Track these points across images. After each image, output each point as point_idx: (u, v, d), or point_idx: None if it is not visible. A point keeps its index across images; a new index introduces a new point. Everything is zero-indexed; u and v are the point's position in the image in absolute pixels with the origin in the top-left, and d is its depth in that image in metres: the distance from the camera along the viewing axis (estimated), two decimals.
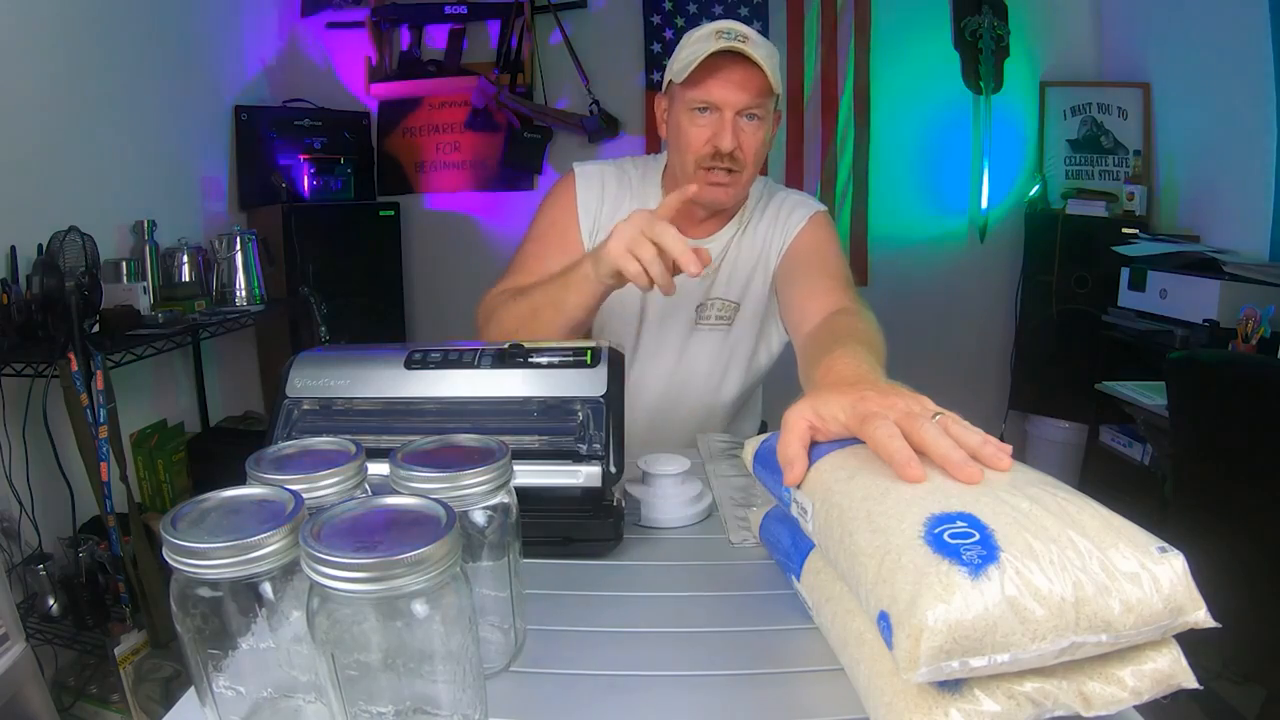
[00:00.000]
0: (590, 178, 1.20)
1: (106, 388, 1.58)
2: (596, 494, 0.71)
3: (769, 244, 1.18)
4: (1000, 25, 2.77)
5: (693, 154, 1.08)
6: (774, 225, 1.18)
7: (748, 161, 1.08)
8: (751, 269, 1.19)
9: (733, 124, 1.05)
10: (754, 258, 1.19)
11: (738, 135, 1.05)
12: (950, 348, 2.91)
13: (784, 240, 1.17)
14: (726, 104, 1.05)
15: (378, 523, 0.42)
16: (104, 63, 2.06)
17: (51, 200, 1.84)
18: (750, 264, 1.19)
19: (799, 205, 1.20)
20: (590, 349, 0.75)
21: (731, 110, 1.05)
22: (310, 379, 0.75)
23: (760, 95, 1.05)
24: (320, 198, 2.65)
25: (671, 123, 1.12)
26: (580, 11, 2.85)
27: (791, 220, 1.18)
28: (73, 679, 1.78)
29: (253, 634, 0.43)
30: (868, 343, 0.77)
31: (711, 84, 1.04)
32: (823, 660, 0.54)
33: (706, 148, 1.06)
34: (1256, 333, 1.77)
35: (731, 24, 1.05)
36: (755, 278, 1.19)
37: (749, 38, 1.03)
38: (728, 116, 1.05)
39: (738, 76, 1.03)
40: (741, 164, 1.08)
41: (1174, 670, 0.42)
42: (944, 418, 0.51)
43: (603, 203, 1.19)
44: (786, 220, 1.18)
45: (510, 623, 0.55)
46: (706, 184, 1.09)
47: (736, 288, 1.19)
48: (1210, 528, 1.44)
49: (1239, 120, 2.21)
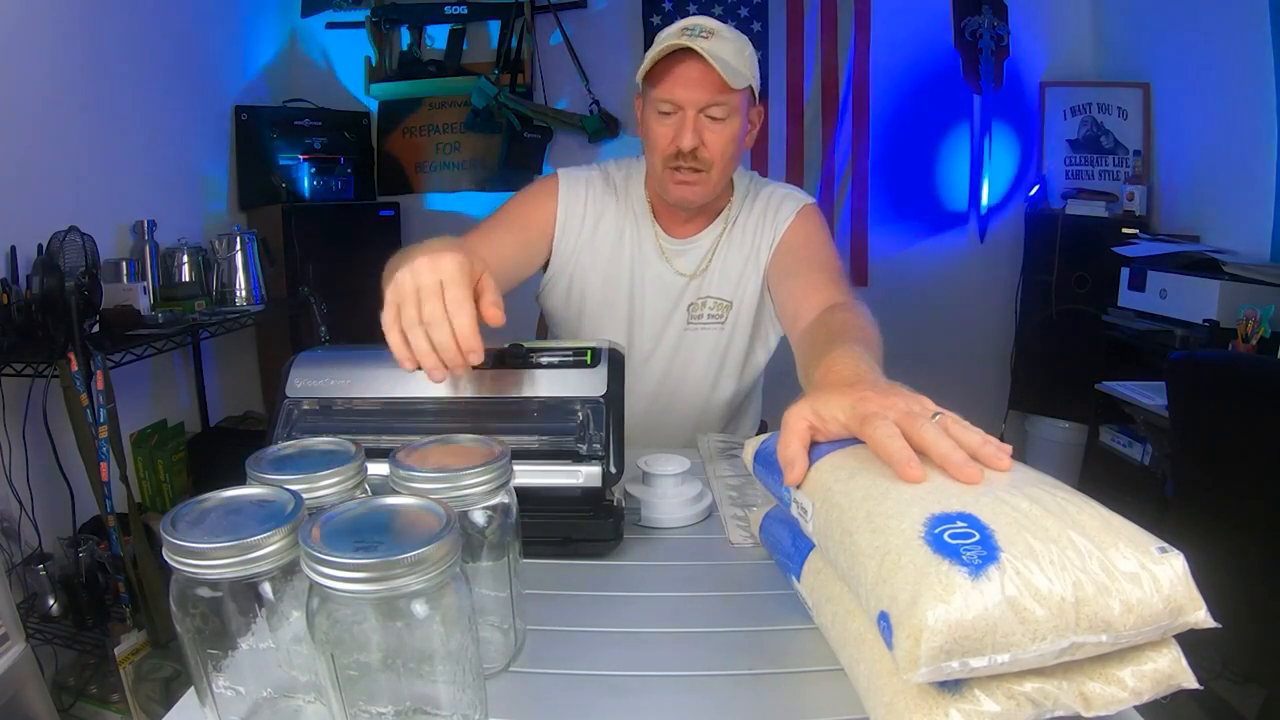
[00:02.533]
0: (575, 181, 1.19)
1: (106, 388, 1.58)
2: (596, 494, 0.71)
3: (759, 240, 1.18)
4: (1000, 25, 2.77)
5: (659, 154, 1.08)
6: (762, 221, 1.18)
7: (714, 160, 1.07)
8: (742, 266, 1.18)
9: (694, 122, 1.04)
10: (744, 255, 1.18)
11: (700, 134, 1.05)
12: (950, 348, 2.91)
13: (774, 236, 1.17)
14: (687, 102, 1.04)
15: (378, 523, 0.42)
16: (104, 62, 2.05)
17: (51, 200, 1.84)
18: (741, 261, 1.18)
19: (786, 199, 1.19)
20: (590, 349, 0.75)
21: (693, 109, 1.04)
22: (310, 379, 0.75)
23: (718, 93, 1.03)
24: (320, 198, 2.65)
25: (643, 123, 1.12)
26: (580, 11, 2.85)
27: (780, 215, 1.17)
28: (73, 679, 1.78)
29: (253, 634, 0.43)
30: (865, 340, 0.77)
31: (670, 82, 1.04)
32: (823, 660, 0.54)
33: (671, 147, 1.06)
34: (1256, 333, 1.77)
35: (699, 20, 1.04)
36: (747, 275, 1.18)
37: (712, 33, 1.02)
38: (689, 115, 1.04)
39: (694, 74, 1.02)
40: (707, 163, 1.07)
41: (1174, 670, 0.42)
42: (944, 418, 0.51)
43: (586, 206, 1.18)
44: (775, 215, 1.17)
45: (510, 623, 0.55)
46: (673, 183, 1.09)
47: (728, 286, 1.19)
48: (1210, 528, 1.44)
49: (1239, 120, 2.21)
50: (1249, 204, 2.16)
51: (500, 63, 2.83)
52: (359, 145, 2.91)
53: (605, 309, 1.20)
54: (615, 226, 1.19)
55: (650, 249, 1.19)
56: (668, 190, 1.11)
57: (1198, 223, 2.39)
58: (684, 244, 1.19)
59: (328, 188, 2.67)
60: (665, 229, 1.19)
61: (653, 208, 1.19)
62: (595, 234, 1.19)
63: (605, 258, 1.19)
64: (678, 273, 1.19)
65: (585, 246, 1.19)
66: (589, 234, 1.19)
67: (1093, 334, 2.33)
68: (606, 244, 1.19)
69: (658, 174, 1.10)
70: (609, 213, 1.19)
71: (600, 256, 1.19)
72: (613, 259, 1.19)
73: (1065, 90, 2.75)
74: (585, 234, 1.18)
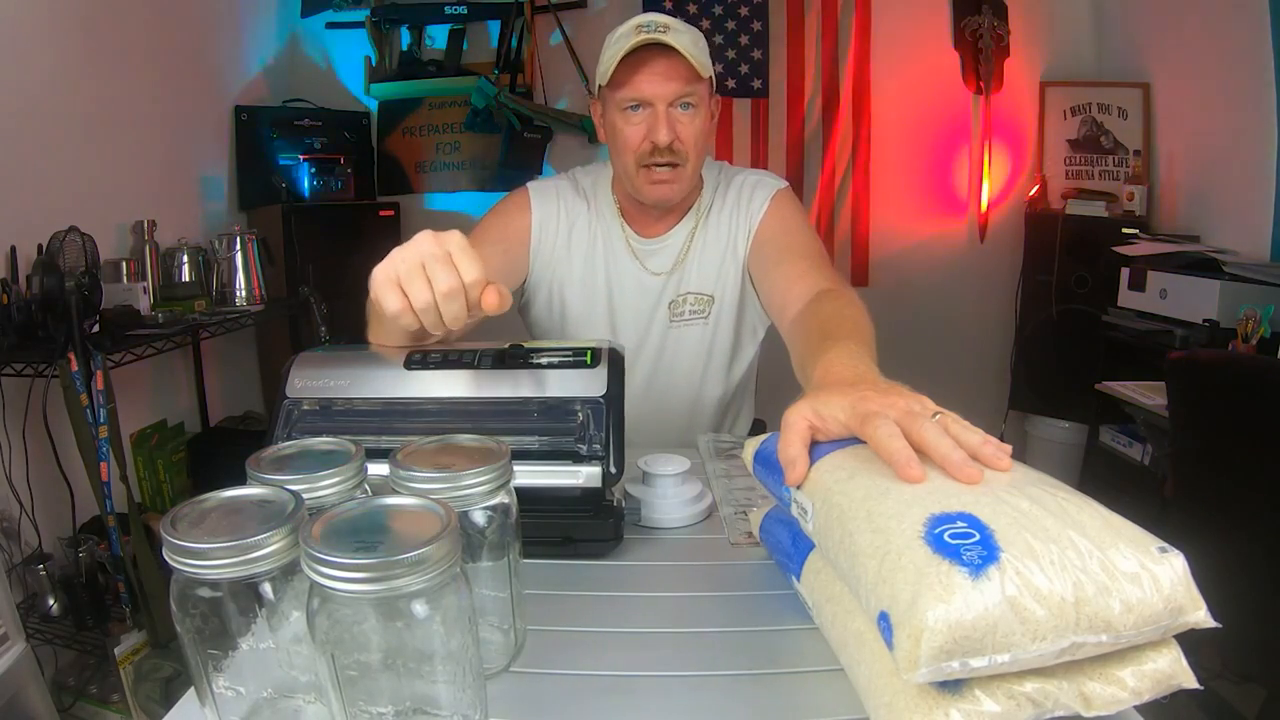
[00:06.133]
0: (545, 192, 1.19)
1: (106, 388, 1.58)
2: (596, 494, 0.71)
3: (735, 231, 1.17)
4: (1000, 25, 2.77)
5: (631, 154, 1.07)
6: (736, 211, 1.17)
7: (689, 152, 1.07)
8: (720, 259, 1.17)
9: (666, 116, 1.04)
10: (721, 247, 1.17)
11: (674, 127, 1.04)
12: (950, 348, 2.91)
13: (750, 226, 1.16)
14: (657, 97, 1.03)
15: (378, 523, 0.42)
16: (104, 63, 2.05)
17: (51, 200, 1.83)
18: (718, 254, 1.17)
19: (759, 186, 1.18)
20: (590, 349, 0.75)
21: (663, 103, 1.04)
22: (310, 379, 0.74)
23: (689, 82, 1.03)
24: (320, 198, 2.65)
25: (607, 126, 1.11)
26: (580, 11, 2.85)
27: (754, 204, 1.16)
28: (73, 679, 1.78)
29: (253, 634, 0.43)
30: (859, 335, 0.76)
31: (638, 80, 1.03)
32: (823, 660, 0.54)
33: (644, 145, 1.06)
34: (1256, 333, 1.77)
35: (652, 16, 1.04)
36: (726, 267, 1.18)
37: (670, 26, 1.02)
38: (660, 110, 1.04)
39: (662, 67, 1.02)
40: (683, 156, 1.07)
41: (1174, 670, 0.42)
42: (944, 417, 0.51)
43: (559, 215, 1.18)
44: (749, 204, 1.17)
45: (510, 623, 0.55)
46: (649, 184, 1.08)
47: (708, 280, 1.18)
48: (1210, 528, 1.44)
49: (1239, 120, 2.21)
50: (1249, 204, 2.16)
51: (500, 63, 2.83)
52: (359, 145, 2.91)
53: (586, 315, 1.20)
54: (588, 232, 1.19)
55: (622, 251, 1.19)
56: (643, 191, 1.10)
57: (1198, 223, 2.39)
58: (654, 243, 1.18)
59: (328, 188, 2.67)
60: (636, 230, 1.19)
61: (621, 210, 1.19)
62: (570, 242, 1.19)
63: (581, 264, 1.19)
64: (652, 273, 1.18)
65: (561, 256, 1.19)
66: (564, 242, 1.18)
67: (1093, 334, 2.33)
68: (581, 250, 1.19)
69: (631, 175, 1.09)
70: (580, 219, 1.19)
71: (576, 264, 1.19)
72: (588, 265, 1.19)
73: (1065, 90, 2.76)
74: (560, 242, 1.18)
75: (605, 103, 1.10)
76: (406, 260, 0.66)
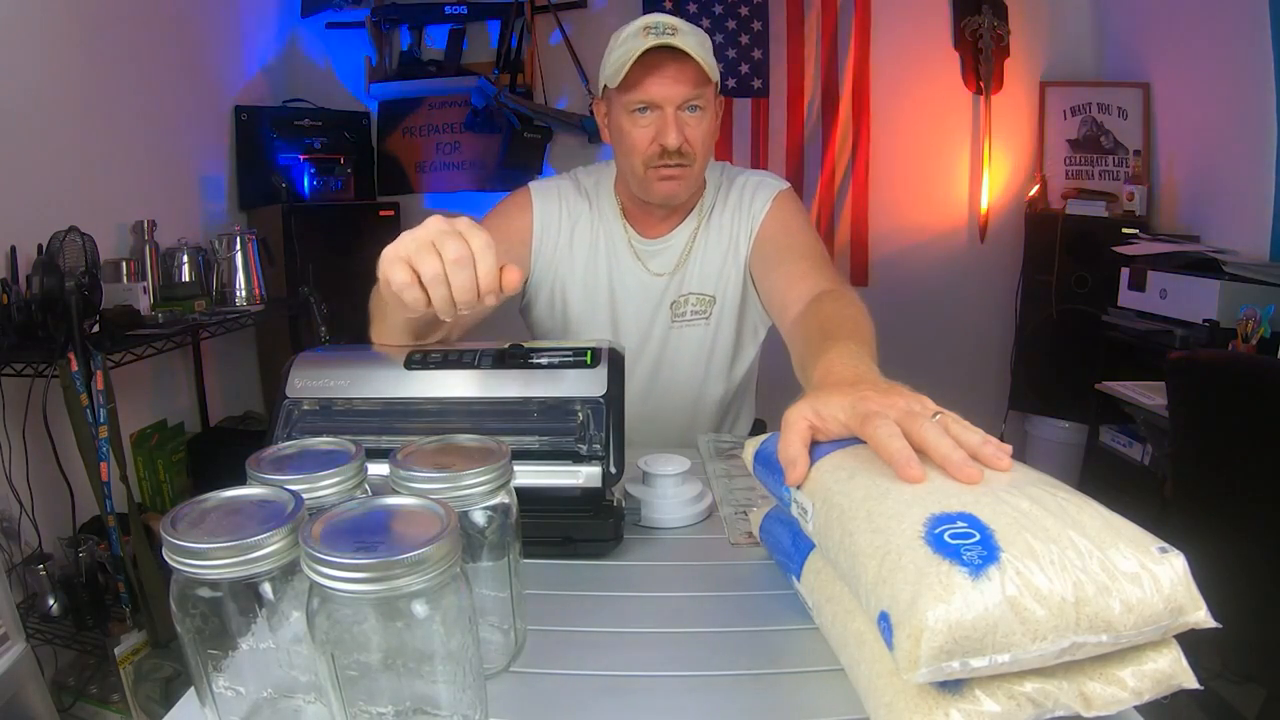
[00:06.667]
0: (547, 192, 1.19)
1: (106, 388, 1.58)
2: (596, 494, 0.71)
3: (736, 232, 1.17)
4: (1000, 25, 2.77)
5: (639, 156, 1.07)
6: (738, 212, 1.17)
7: (697, 154, 1.07)
8: (722, 259, 1.18)
9: (675, 119, 1.04)
10: (723, 248, 1.18)
11: (682, 130, 1.05)
12: (950, 348, 2.91)
13: (751, 226, 1.16)
14: (666, 100, 1.04)
15: (378, 523, 0.42)
16: (104, 62, 2.05)
17: (51, 200, 1.83)
18: (720, 254, 1.18)
19: (760, 187, 1.18)
20: (590, 349, 0.75)
21: (672, 106, 1.04)
22: (310, 379, 0.75)
23: (697, 85, 1.04)
24: (320, 198, 2.65)
25: (613, 127, 1.11)
26: (580, 11, 2.85)
27: (756, 204, 1.16)
28: (73, 679, 1.78)
29: (253, 634, 0.43)
30: (859, 335, 0.77)
31: (648, 83, 1.03)
32: (823, 660, 0.54)
33: (653, 147, 1.06)
34: (1256, 333, 1.77)
35: (660, 17, 1.04)
36: (728, 268, 1.18)
37: (678, 29, 1.02)
38: (669, 113, 1.04)
39: (672, 71, 1.02)
40: (691, 157, 1.07)
41: (1174, 670, 0.42)
42: (944, 417, 0.51)
43: (561, 215, 1.18)
44: (750, 205, 1.17)
45: (510, 623, 0.55)
46: (658, 180, 1.08)
47: (709, 280, 1.18)
48: (1210, 528, 1.44)
49: (1239, 120, 2.21)
50: (1249, 204, 2.16)
51: (500, 63, 2.83)
52: (359, 145, 2.91)
53: (588, 315, 1.20)
54: (589, 232, 1.19)
55: (624, 252, 1.19)
56: (651, 190, 1.10)
57: (1198, 223, 2.39)
58: (657, 244, 1.18)
59: (328, 188, 2.67)
60: (638, 231, 1.19)
61: (624, 210, 1.19)
62: (572, 242, 1.19)
63: (583, 264, 1.19)
64: (654, 273, 1.19)
65: (563, 255, 1.19)
66: (565, 242, 1.18)
67: (1093, 334, 2.33)
68: (583, 250, 1.19)
69: (638, 175, 1.09)
70: (582, 219, 1.19)
71: (578, 264, 1.19)
72: (590, 265, 1.19)
73: (1065, 90, 2.75)
74: (562, 242, 1.18)
75: (611, 104, 1.09)
76: (417, 239, 0.65)
